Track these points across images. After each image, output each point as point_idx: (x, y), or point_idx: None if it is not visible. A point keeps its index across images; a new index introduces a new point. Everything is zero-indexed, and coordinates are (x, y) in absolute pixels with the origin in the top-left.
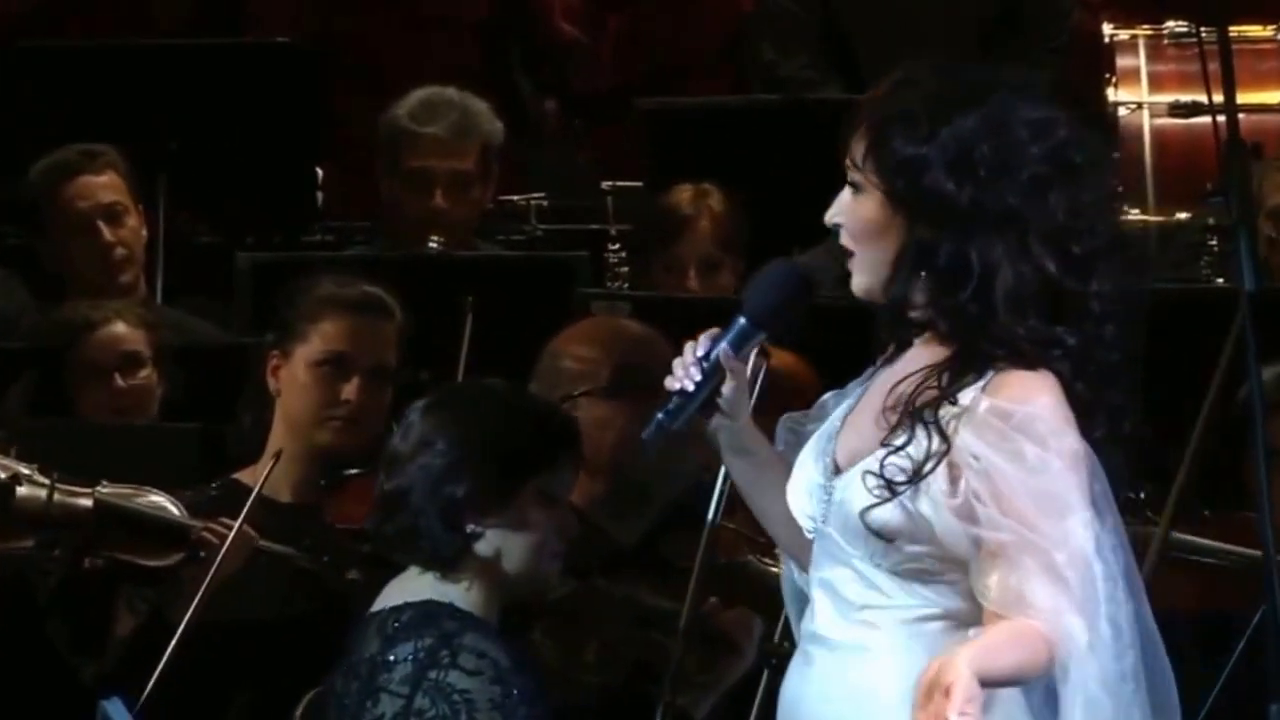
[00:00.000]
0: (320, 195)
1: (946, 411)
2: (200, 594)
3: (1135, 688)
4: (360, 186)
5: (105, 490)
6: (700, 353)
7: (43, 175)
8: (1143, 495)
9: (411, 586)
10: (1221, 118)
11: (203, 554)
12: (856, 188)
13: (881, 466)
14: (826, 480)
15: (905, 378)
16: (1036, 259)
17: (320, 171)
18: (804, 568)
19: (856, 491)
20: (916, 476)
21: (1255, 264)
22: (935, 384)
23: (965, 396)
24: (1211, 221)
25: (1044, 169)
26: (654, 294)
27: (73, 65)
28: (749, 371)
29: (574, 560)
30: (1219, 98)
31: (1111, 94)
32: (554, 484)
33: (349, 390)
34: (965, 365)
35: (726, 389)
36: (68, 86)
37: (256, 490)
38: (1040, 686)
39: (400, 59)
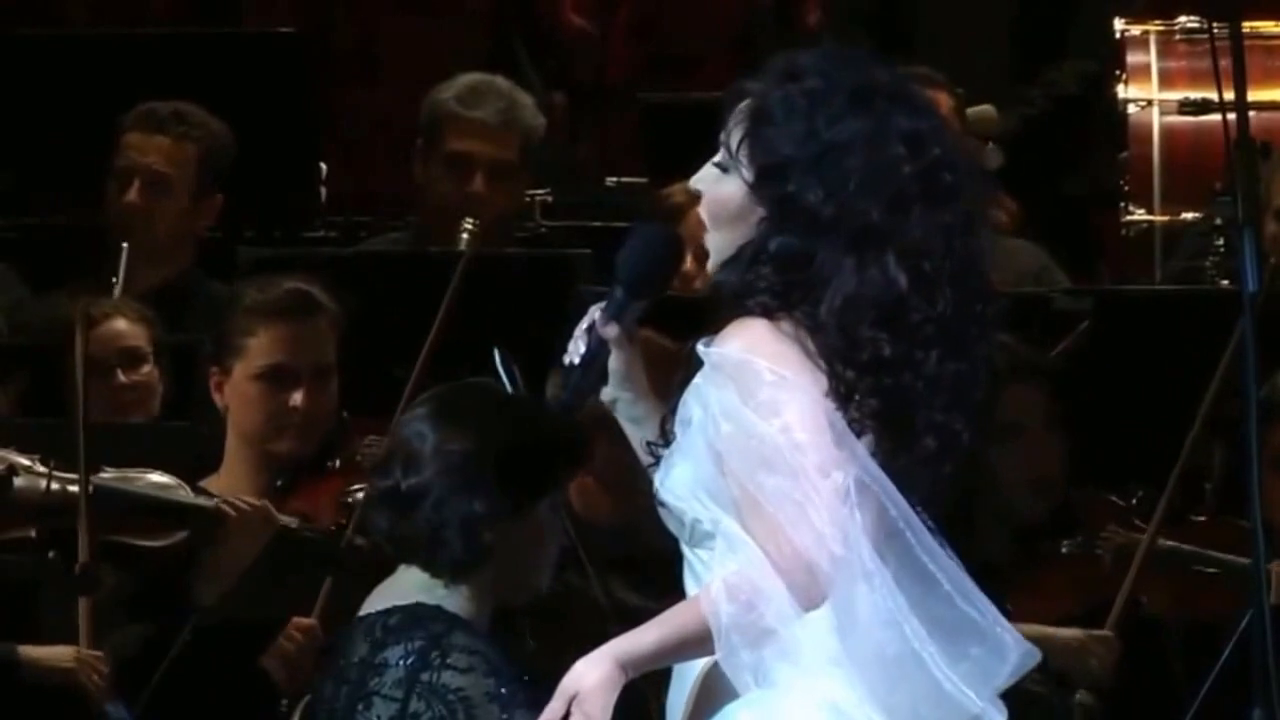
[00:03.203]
0: (324, 190)
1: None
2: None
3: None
4: (359, 179)
5: (104, 476)
6: (584, 326)
7: (131, 117)
8: (1135, 500)
9: (400, 589)
10: (1231, 115)
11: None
12: (724, 169)
13: (662, 432)
14: None
15: None
16: (891, 274)
17: (324, 167)
18: None
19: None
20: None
21: (1259, 265)
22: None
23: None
24: (1218, 221)
25: (913, 187)
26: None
27: (69, 55)
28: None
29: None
30: (1229, 95)
31: (1122, 91)
32: (563, 495)
33: (297, 398)
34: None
35: (614, 360)
36: (64, 76)
37: None
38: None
39: (400, 50)
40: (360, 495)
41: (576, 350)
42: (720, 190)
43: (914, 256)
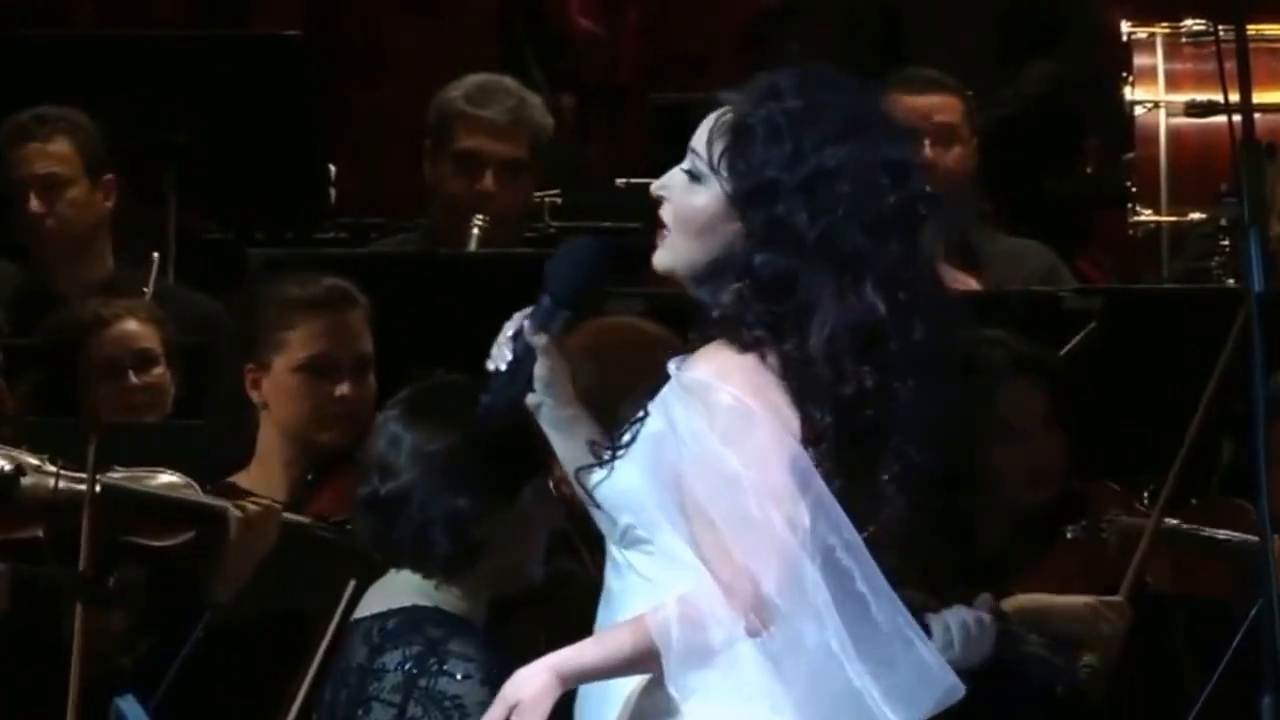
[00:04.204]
0: (333, 191)
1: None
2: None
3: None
4: (368, 180)
5: (114, 475)
6: (510, 333)
7: (3, 138)
8: (1145, 494)
9: (396, 591)
10: (1237, 117)
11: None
12: (696, 177)
13: (613, 438)
14: None
15: None
16: (869, 300)
17: (333, 168)
18: None
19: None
20: (629, 443)
21: (1265, 265)
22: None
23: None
24: (1223, 222)
25: (892, 217)
26: (666, 291)
27: (78, 56)
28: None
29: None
30: (1235, 97)
31: (1128, 93)
32: (547, 479)
33: (342, 388)
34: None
35: (539, 367)
36: (73, 77)
37: None
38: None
39: (408, 51)
40: None
41: (501, 356)
42: (692, 199)
43: (891, 285)
